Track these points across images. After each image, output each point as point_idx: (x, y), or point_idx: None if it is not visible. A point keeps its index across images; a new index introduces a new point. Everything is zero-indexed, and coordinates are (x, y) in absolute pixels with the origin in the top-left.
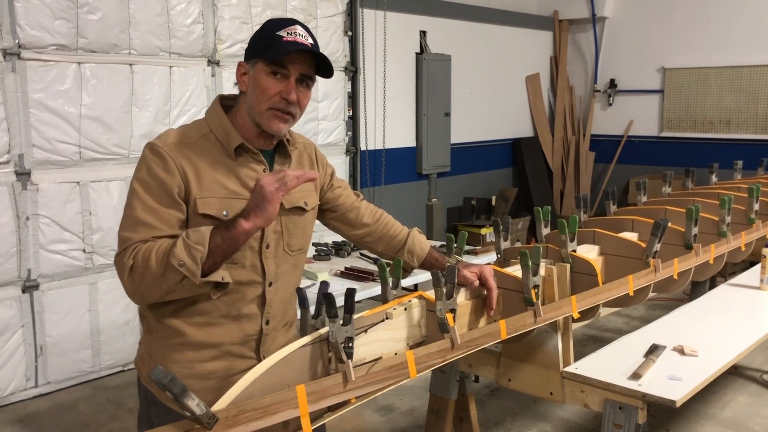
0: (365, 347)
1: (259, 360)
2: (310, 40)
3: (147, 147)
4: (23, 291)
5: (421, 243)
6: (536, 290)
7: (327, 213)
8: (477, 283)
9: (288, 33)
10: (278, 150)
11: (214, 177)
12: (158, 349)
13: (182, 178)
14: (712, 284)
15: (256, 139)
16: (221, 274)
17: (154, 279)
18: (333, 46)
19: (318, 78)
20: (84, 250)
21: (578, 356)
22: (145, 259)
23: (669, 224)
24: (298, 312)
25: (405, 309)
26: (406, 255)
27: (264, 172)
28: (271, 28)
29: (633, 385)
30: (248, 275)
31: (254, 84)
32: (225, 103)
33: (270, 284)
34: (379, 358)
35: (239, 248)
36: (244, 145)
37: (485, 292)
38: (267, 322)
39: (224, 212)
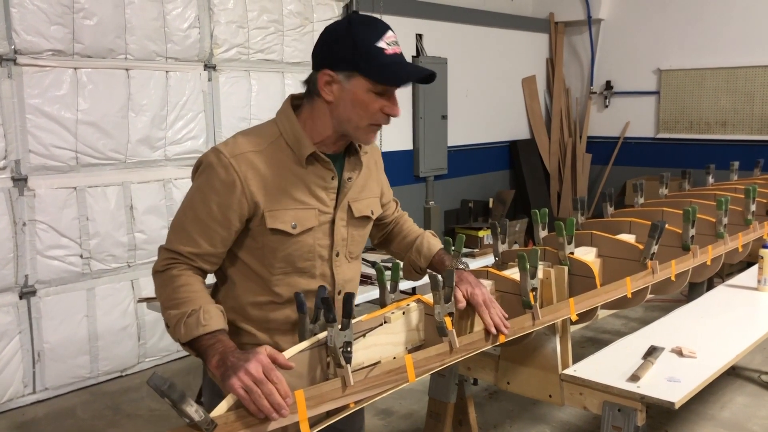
0: (364, 351)
1: None
2: (400, 46)
3: (213, 153)
4: (20, 297)
5: (430, 244)
6: (534, 293)
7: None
8: (463, 305)
9: (388, 44)
10: (348, 155)
11: (282, 187)
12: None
13: (245, 194)
14: (710, 285)
15: (330, 145)
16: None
17: (159, 301)
18: None
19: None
20: (81, 256)
21: (577, 358)
22: (166, 282)
23: (666, 226)
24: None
25: (403, 313)
26: (414, 254)
27: (332, 180)
28: (367, 36)
29: (632, 387)
30: (319, 284)
31: (352, 99)
32: (294, 102)
33: (339, 292)
34: (378, 363)
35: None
36: (316, 153)
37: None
38: None
39: (293, 224)
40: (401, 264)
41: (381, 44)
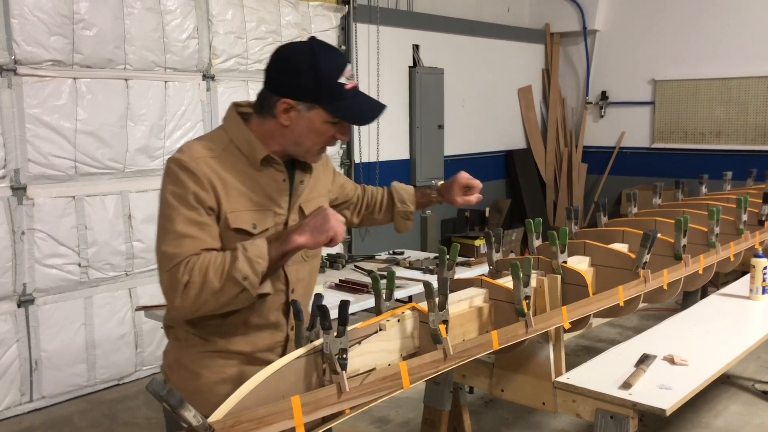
0: (359, 358)
1: None
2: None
3: (173, 162)
4: (18, 305)
5: (404, 188)
6: (527, 301)
7: (338, 206)
8: (464, 179)
9: (348, 78)
10: (298, 160)
11: (240, 190)
12: (188, 357)
13: (213, 192)
14: (704, 294)
15: (280, 154)
16: (267, 286)
17: (212, 293)
18: None
19: None
20: (79, 265)
21: (572, 366)
22: (202, 273)
23: (658, 235)
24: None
25: (398, 320)
26: (399, 205)
27: (284, 182)
28: (330, 72)
29: (623, 394)
30: (273, 284)
31: (309, 127)
32: (239, 110)
33: (293, 291)
34: (373, 369)
35: (285, 262)
36: (269, 156)
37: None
38: (292, 329)
39: (253, 224)
40: (395, 273)
41: (342, 80)
